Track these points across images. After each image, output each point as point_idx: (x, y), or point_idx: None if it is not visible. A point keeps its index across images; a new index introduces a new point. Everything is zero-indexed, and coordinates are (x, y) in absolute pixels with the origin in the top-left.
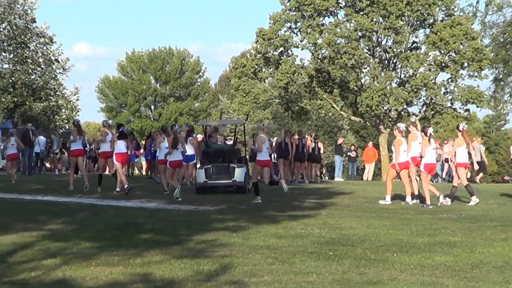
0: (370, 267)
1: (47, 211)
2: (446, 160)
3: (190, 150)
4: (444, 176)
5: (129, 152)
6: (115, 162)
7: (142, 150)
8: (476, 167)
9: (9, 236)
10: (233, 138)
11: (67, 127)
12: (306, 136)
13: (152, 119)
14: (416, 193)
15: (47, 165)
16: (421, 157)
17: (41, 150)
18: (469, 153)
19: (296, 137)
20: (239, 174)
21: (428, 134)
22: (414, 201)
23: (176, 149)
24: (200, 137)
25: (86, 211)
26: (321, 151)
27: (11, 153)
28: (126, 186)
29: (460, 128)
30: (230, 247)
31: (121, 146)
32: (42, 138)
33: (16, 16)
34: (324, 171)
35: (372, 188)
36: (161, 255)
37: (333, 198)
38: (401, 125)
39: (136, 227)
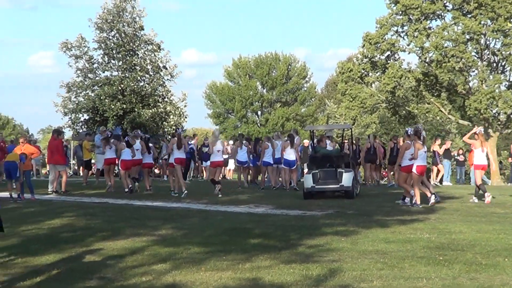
0: (481, 272)
1: (156, 216)
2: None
3: (292, 155)
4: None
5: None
6: (120, 168)
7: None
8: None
9: (120, 242)
10: (339, 143)
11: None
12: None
13: (259, 124)
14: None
15: (156, 171)
16: (413, 159)
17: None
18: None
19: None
20: (346, 179)
21: (422, 138)
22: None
23: (178, 149)
24: (306, 142)
25: (195, 217)
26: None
27: (109, 157)
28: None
29: (477, 131)
30: (339, 252)
31: (126, 153)
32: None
33: (124, 24)
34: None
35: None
36: (270, 260)
37: (442, 203)
38: (409, 129)
39: (245, 232)
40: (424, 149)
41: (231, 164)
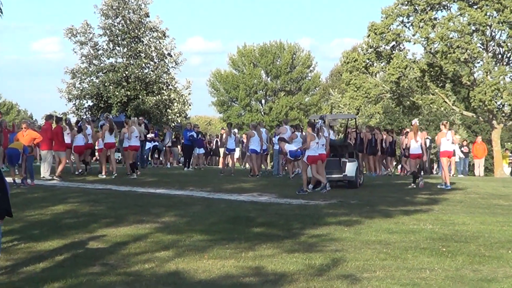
0: (484, 264)
1: (159, 204)
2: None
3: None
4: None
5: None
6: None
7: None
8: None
9: (123, 229)
10: (344, 132)
11: (179, 121)
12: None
13: (262, 113)
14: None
15: (159, 158)
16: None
17: (159, 143)
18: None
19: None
20: (350, 168)
21: (316, 129)
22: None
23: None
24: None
25: (198, 204)
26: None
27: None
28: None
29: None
30: (342, 241)
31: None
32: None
33: (130, 10)
34: (436, 166)
35: (484, 184)
36: (273, 248)
37: (445, 194)
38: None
39: (248, 221)
40: (316, 140)
41: (237, 153)
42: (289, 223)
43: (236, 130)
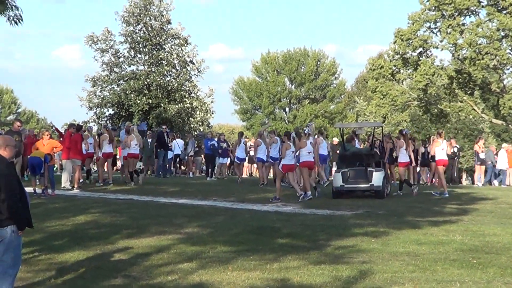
0: None
1: (182, 214)
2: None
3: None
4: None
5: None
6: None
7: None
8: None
9: (145, 239)
10: (370, 141)
11: (201, 129)
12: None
13: (286, 121)
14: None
15: (182, 167)
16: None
17: (181, 151)
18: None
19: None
20: (377, 178)
21: (291, 138)
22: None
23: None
24: (336, 140)
25: (221, 215)
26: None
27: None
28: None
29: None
30: (369, 253)
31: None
32: (180, 141)
33: (151, 17)
34: (464, 176)
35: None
36: (298, 260)
37: (475, 204)
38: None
39: (272, 232)
40: (292, 149)
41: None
42: (314, 234)
43: (245, 139)
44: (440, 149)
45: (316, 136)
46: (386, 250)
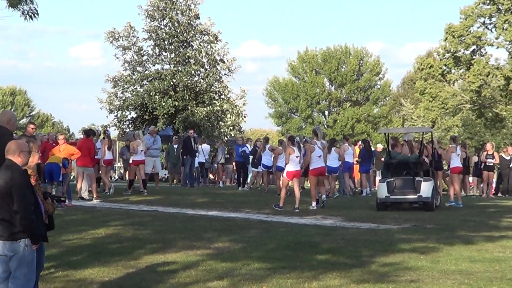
0: None
1: (212, 227)
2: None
3: (334, 161)
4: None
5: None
6: None
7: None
8: None
9: (171, 255)
10: (419, 148)
11: (232, 134)
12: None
13: (326, 126)
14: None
15: (211, 176)
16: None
17: (206, 159)
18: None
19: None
20: (425, 188)
21: (296, 143)
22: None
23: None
24: (379, 147)
25: (255, 228)
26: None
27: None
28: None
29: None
30: (417, 271)
31: None
32: (206, 146)
33: (178, 12)
34: None
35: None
36: (339, 278)
37: None
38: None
39: (311, 247)
40: (296, 153)
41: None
42: (357, 250)
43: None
44: (456, 155)
45: (342, 144)
46: (436, 268)
